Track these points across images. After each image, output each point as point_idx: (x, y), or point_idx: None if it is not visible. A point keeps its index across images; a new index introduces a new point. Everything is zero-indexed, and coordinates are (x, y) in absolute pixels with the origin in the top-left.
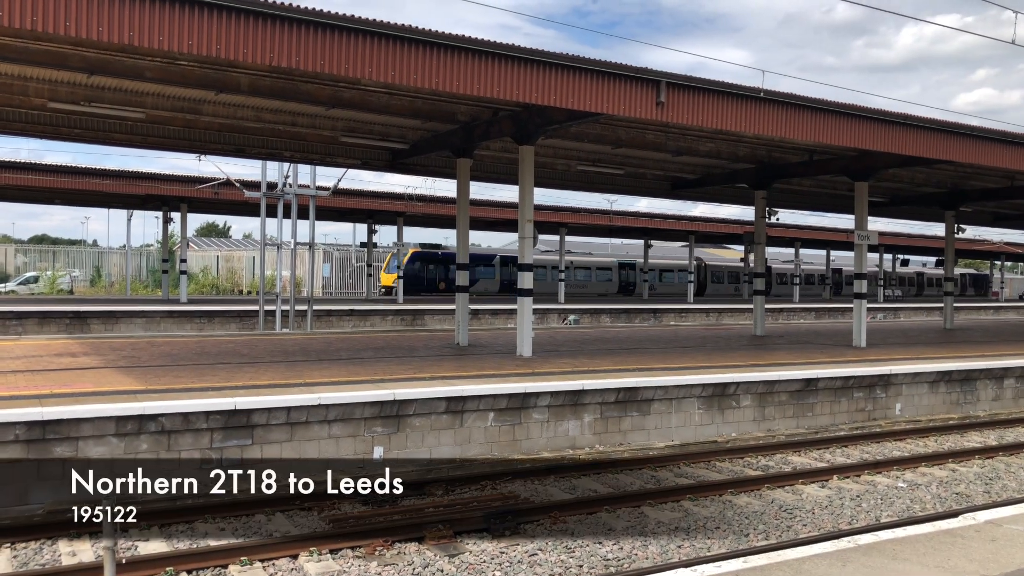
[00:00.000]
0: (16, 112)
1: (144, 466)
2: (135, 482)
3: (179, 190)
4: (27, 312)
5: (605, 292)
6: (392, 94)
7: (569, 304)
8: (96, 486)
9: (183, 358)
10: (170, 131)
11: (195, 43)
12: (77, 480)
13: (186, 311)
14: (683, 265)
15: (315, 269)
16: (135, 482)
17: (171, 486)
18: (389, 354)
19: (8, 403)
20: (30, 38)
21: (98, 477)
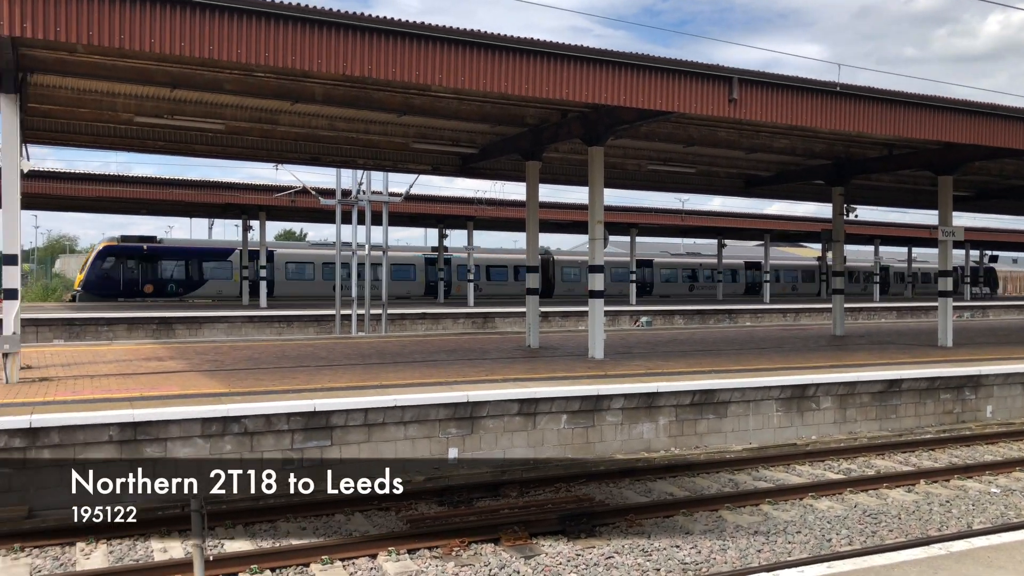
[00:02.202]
0: (106, 127)
1: (228, 466)
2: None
3: (257, 199)
4: (117, 319)
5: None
6: (462, 99)
7: (620, 306)
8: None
9: (264, 361)
10: (248, 141)
11: (271, 55)
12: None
13: (266, 316)
14: (756, 265)
15: (387, 274)
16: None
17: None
18: (461, 356)
19: (102, 405)
20: (118, 56)
21: (186, 477)
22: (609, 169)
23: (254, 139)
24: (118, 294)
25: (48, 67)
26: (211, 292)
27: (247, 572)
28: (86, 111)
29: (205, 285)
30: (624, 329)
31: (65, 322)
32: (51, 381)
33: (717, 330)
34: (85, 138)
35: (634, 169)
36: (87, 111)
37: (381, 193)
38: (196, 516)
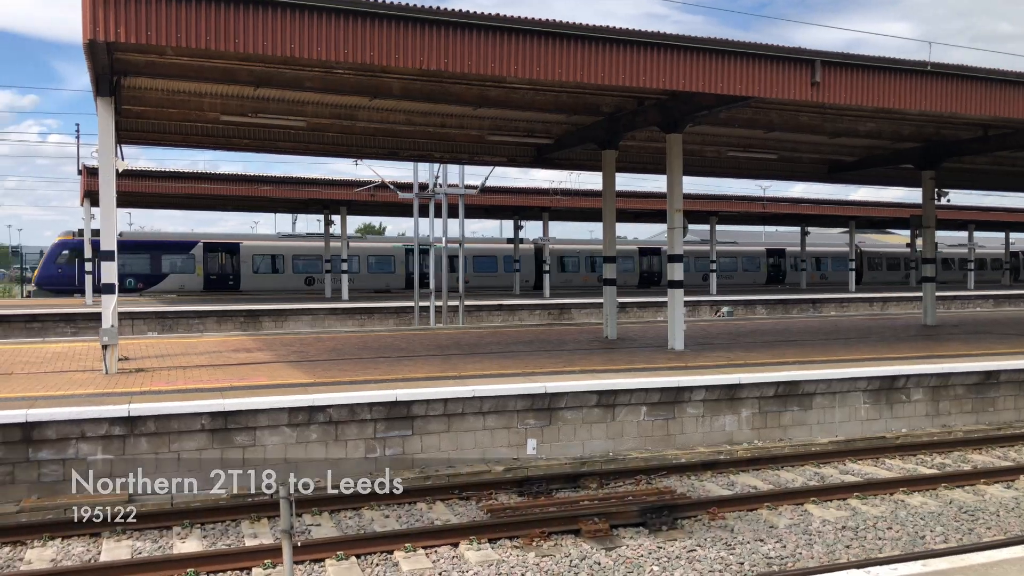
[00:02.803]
0: (194, 126)
1: (313, 454)
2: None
3: (338, 193)
4: (207, 311)
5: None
6: (537, 90)
7: (699, 296)
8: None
9: (347, 352)
10: (329, 137)
11: (351, 51)
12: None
13: (348, 308)
14: (840, 252)
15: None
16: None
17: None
18: (538, 348)
19: (194, 395)
20: (204, 57)
21: (271, 465)
22: (687, 156)
23: (334, 135)
24: (73, 289)
25: (140, 70)
26: (172, 287)
27: (333, 558)
28: (175, 111)
29: (166, 280)
30: (704, 320)
31: (158, 315)
32: (147, 372)
33: (800, 320)
34: (175, 137)
35: (713, 156)
36: (176, 111)
37: (457, 186)
38: (284, 503)
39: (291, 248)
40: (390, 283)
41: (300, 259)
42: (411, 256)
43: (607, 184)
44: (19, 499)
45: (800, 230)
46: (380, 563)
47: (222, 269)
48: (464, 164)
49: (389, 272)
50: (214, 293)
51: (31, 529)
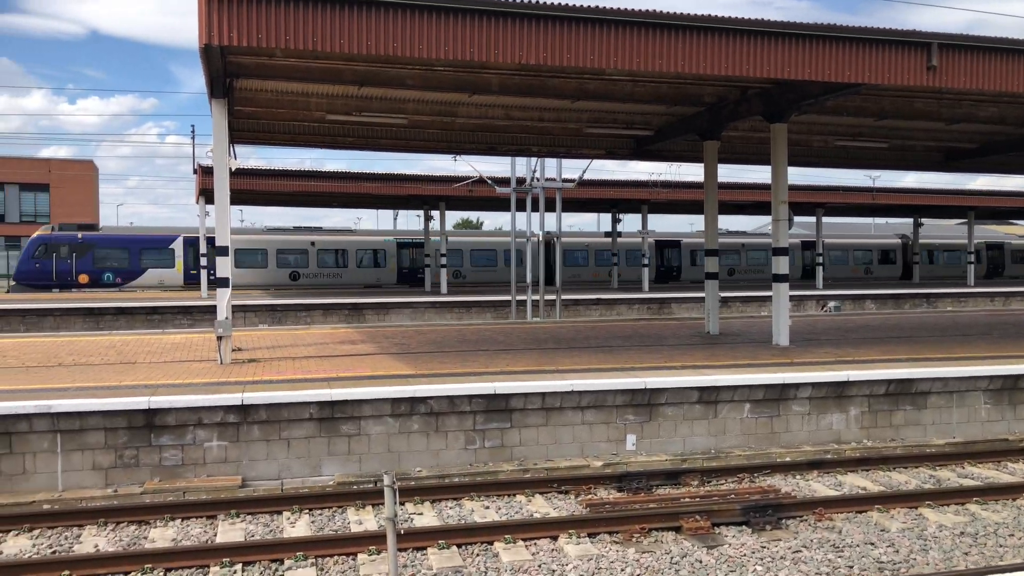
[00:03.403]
0: (301, 125)
1: (415, 445)
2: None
3: (438, 189)
4: (314, 304)
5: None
6: (636, 81)
7: (805, 291)
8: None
9: (446, 345)
10: (429, 134)
11: (451, 48)
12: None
13: (447, 302)
14: (955, 244)
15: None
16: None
17: (439, 464)
18: (638, 342)
19: (303, 385)
20: (311, 58)
21: (375, 454)
22: (792, 146)
23: (434, 131)
24: (51, 284)
25: (250, 72)
26: (151, 282)
27: (435, 547)
28: (284, 111)
29: (144, 275)
30: (810, 315)
31: (269, 308)
32: (258, 362)
33: (914, 315)
34: (283, 136)
35: (820, 145)
36: (284, 111)
37: (555, 180)
38: (389, 491)
39: (275, 242)
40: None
41: (285, 253)
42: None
43: (709, 175)
44: (142, 481)
45: (913, 221)
46: (480, 553)
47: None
48: (562, 157)
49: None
50: (194, 288)
51: (154, 510)
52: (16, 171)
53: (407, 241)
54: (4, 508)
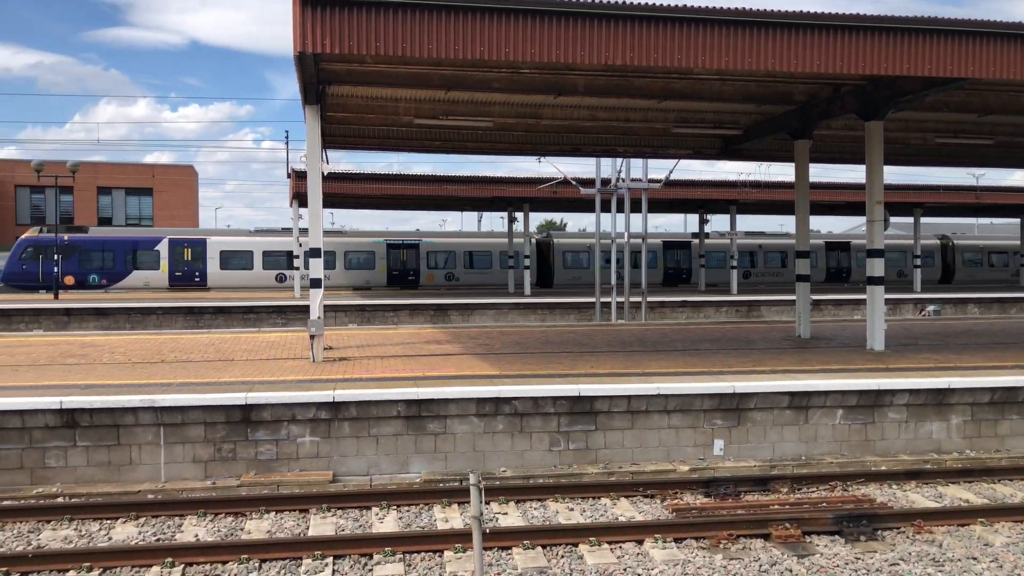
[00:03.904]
0: (389, 130)
1: (500, 444)
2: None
3: (522, 191)
4: (401, 305)
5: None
6: (724, 80)
7: (902, 294)
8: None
9: (530, 346)
10: (514, 136)
11: (537, 51)
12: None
13: (530, 303)
14: (1003, 246)
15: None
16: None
17: (523, 465)
18: (726, 345)
19: (391, 384)
20: (400, 63)
21: (460, 453)
22: (889, 144)
23: (519, 134)
24: (38, 286)
25: (342, 78)
26: (137, 283)
27: (520, 547)
28: (373, 116)
29: (130, 276)
30: (907, 319)
31: (358, 308)
32: (348, 361)
33: (1021, 320)
34: (372, 141)
35: (918, 143)
36: (374, 116)
37: (640, 180)
38: (475, 490)
39: (260, 244)
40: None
41: (271, 255)
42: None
43: (799, 175)
44: (239, 474)
45: (1021, 222)
46: (565, 555)
47: (188, 266)
48: (647, 157)
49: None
50: (179, 289)
51: (249, 502)
52: (122, 176)
53: (397, 242)
54: (113, 496)
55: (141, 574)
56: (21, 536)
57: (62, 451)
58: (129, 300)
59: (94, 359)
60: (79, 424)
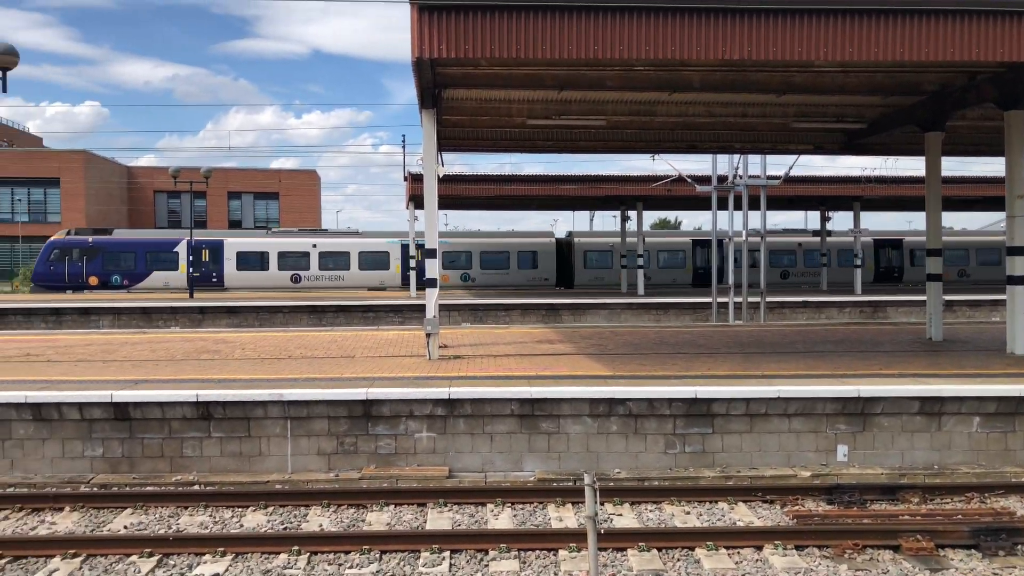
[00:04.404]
0: (503, 131)
1: (614, 446)
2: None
3: (635, 189)
4: (513, 304)
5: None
6: (847, 72)
7: None
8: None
9: (644, 347)
10: (627, 134)
11: (651, 48)
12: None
13: (644, 303)
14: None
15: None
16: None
17: (638, 467)
18: (849, 348)
19: (505, 382)
20: (514, 65)
21: (573, 453)
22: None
23: (633, 132)
24: (64, 286)
25: (457, 82)
26: (157, 284)
27: (636, 549)
28: (487, 118)
29: (150, 277)
30: None
31: (471, 307)
32: (463, 359)
33: None
34: (486, 143)
35: None
36: (487, 118)
37: (758, 177)
38: (589, 490)
39: (276, 244)
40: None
41: (286, 256)
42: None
43: (931, 169)
44: (360, 467)
45: None
46: (681, 558)
47: (206, 266)
48: (766, 154)
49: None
50: (198, 289)
51: (370, 495)
52: (251, 181)
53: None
54: (244, 486)
55: (270, 560)
56: (162, 520)
57: (198, 441)
58: (257, 299)
59: (226, 355)
60: (213, 416)
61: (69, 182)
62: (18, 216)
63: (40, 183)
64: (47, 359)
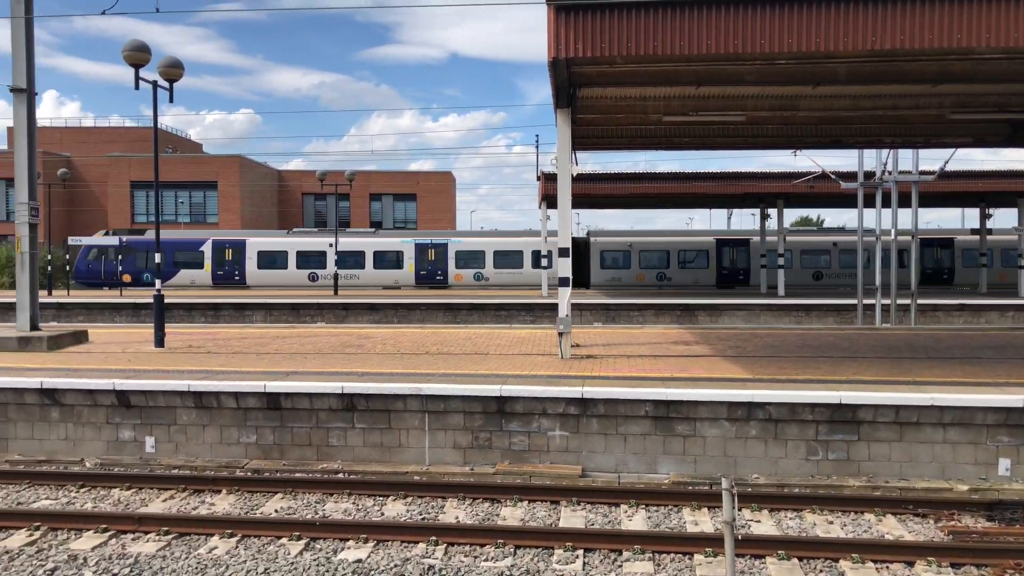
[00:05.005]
0: (637, 128)
1: (752, 451)
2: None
3: (775, 187)
4: (646, 304)
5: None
6: (1012, 59)
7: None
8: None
9: (784, 350)
10: (767, 130)
11: (794, 40)
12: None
13: (784, 304)
14: None
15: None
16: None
17: (777, 473)
18: (1014, 354)
19: (639, 383)
20: (650, 62)
21: (710, 457)
22: None
23: (773, 127)
24: (100, 283)
25: (592, 80)
26: (184, 282)
27: (775, 557)
28: (621, 116)
29: (178, 275)
30: None
31: (603, 307)
32: (595, 359)
33: None
34: (620, 141)
35: None
36: (622, 116)
37: (910, 172)
38: (727, 495)
39: (295, 244)
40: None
41: (305, 255)
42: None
43: None
44: (494, 462)
45: None
46: (824, 569)
47: (229, 265)
48: (918, 147)
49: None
50: (221, 287)
51: (504, 490)
52: (391, 183)
53: (425, 242)
54: (385, 476)
55: (409, 549)
56: (309, 505)
57: (342, 432)
58: (396, 297)
59: (368, 349)
60: (356, 408)
61: (226, 185)
62: (180, 217)
63: (200, 186)
64: (207, 351)
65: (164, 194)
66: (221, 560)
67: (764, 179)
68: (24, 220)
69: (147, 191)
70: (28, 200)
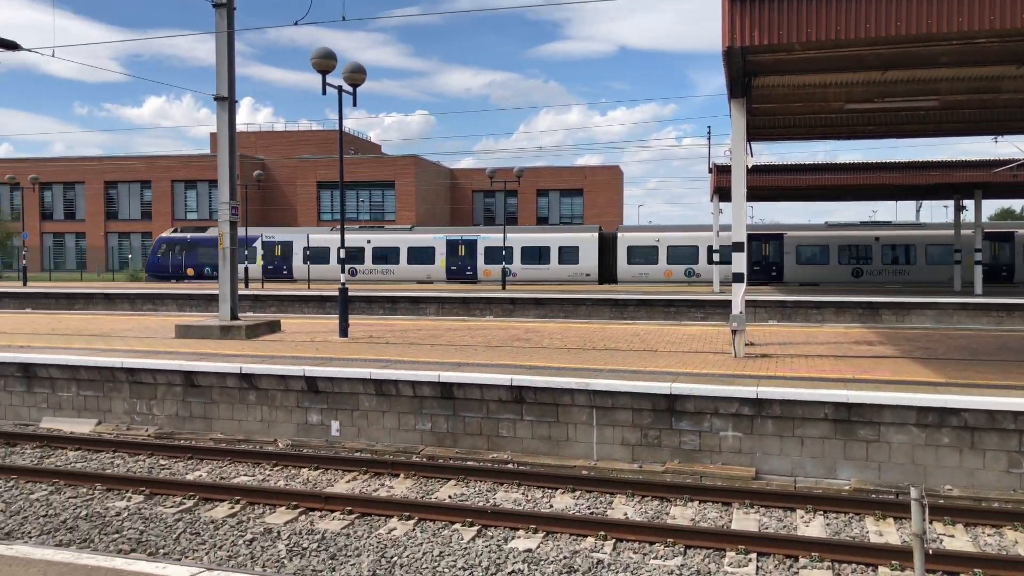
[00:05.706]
0: (816, 117)
1: (944, 460)
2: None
3: (972, 176)
4: (825, 302)
5: None
6: None
7: None
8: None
9: (981, 352)
10: (963, 115)
11: (996, 16)
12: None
13: (981, 303)
14: None
15: None
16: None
17: (973, 485)
18: None
19: (818, 384)
20: (831, 47)
21: (895, 465)
22: None
23: (971, 112)
24: (169, 276)
25: (767, 69)
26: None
27: (968, 575)
28: (799, 105)
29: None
30: None
31: (778, 304)
32: (770, 358)
33: None
34: (798, 131)
35: None
36: (800, 105)
37: None
38: (916, 505)
39: (336, 240)
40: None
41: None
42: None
43: None
44: (663, 461)
45: None
46: None
47: (277, 260)
48: None
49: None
50: (270, 281)
51: (674, 489)
52: (557, 179)
53: (456, 238)
54: (554, 468)
55: (578, 543)
56: (480, 494)
57: (511, 423)
58: (561, 292)
59: (535, 343)
60: (525, 400)
61: (402, 184)
62: (361, 215)
63: (379, 186)
64: (385, 341)
65: (347, 193)
66: (400, 541)
67: (959, 168)
68: (226, 219)
69: (332, 191)
70: (229, 200)
